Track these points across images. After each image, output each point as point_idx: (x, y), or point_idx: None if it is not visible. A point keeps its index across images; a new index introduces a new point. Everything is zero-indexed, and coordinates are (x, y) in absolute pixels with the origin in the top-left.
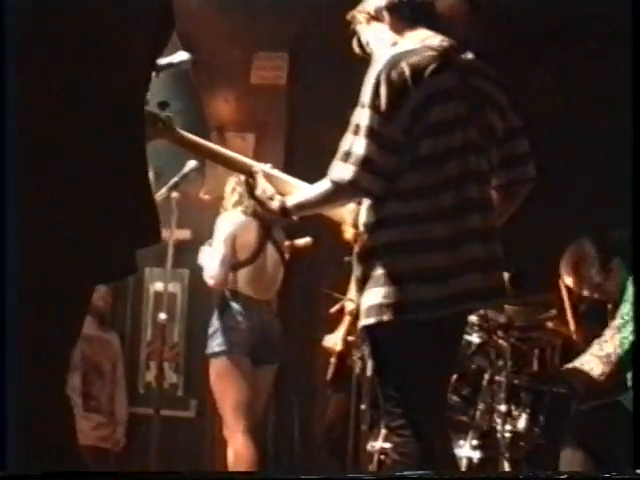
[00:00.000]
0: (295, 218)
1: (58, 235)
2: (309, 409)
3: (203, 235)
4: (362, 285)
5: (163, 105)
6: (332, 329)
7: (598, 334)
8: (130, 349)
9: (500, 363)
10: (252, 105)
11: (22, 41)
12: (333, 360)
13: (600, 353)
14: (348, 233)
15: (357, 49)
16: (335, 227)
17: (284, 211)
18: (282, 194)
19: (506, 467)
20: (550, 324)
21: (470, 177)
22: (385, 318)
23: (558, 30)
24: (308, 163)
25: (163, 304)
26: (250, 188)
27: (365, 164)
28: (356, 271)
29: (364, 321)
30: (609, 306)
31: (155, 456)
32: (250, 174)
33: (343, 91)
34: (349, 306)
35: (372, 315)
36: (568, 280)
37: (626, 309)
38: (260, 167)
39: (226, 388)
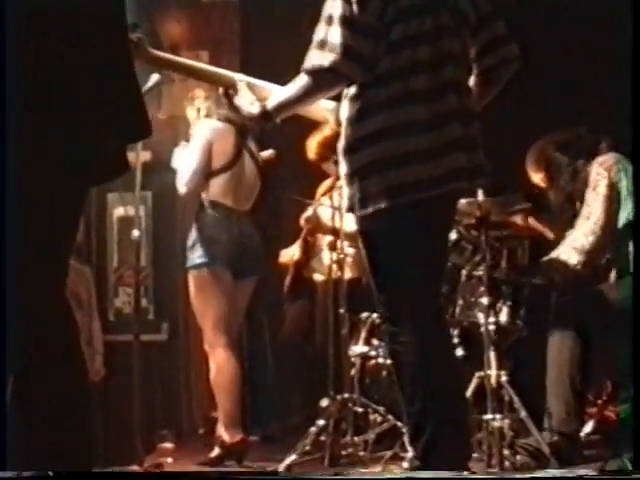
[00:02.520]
0: (278, 121)
1: (51, 140)
2: (279, 322)
3: (162, 156)
4: (352, 179)
5: (133, 27)
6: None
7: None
8: (97, 277)
9: (477, 258)
10: (205, 23)
11: None
12: (290, 270)
13: (574, 244)
14: (311, 152)
15: None
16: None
17: (265, 114)
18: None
19: (492, 361)
20: (519, 220)
21: (444, 60)
22: (382, 205)
23: None
24: (264, 77)
25: (133, 227)
26: (230, 99)
27: (344, 51)
28: (344, 167)
29: (360, 212)
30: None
31: (134, 382)
32: (231, 85)
33: (295, 2)
34: (306, 214)
35: (368, 205)
36: (537, 178)
37: (592, 197)
38: (241, 77)
39: (207, 302)
